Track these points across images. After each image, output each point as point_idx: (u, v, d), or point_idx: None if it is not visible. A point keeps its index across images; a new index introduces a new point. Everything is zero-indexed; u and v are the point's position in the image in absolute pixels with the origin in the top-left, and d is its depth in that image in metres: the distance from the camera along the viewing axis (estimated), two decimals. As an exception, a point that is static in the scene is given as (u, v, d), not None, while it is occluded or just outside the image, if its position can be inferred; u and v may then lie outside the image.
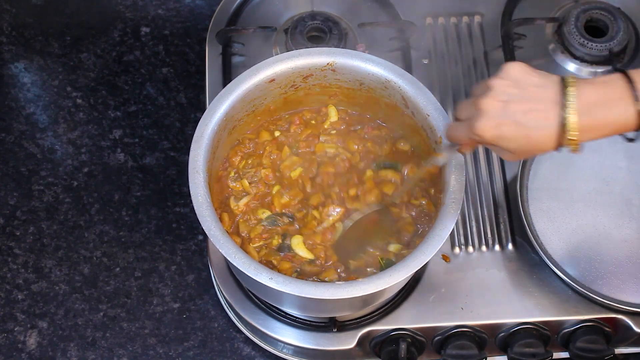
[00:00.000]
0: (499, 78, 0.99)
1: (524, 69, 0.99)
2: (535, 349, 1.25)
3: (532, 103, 0.97)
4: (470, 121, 0.99)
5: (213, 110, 1.17)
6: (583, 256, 1.28)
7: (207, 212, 1.10)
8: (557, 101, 0.96)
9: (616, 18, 1.43)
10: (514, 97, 0.97)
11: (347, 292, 1.06)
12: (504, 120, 0.97)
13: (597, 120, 0.97)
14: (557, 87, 0.97)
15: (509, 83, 0.98)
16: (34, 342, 1.32)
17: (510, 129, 0.97)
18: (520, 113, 0.96)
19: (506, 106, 0.97)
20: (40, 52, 1.53)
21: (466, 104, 1.02)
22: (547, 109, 0.96)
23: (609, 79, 0.98)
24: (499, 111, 0.97)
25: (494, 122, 0.97)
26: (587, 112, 0.96)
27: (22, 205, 1.41)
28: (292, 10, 1.46)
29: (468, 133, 1.01)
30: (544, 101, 0.97)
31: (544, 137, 0.97)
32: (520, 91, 0.97)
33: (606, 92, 0.97)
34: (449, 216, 1.10)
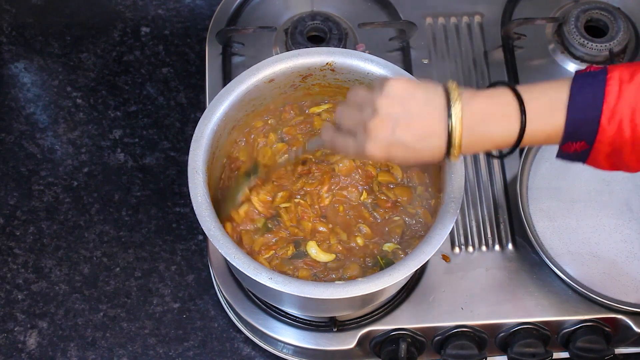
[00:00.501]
0: (384, 97, 0.97)
1: (407, 84, 0.97)
2: (535, 349, 1.25)
3: (418, 121, 0.96)
4: (359, 142, 0.99)
5: (213, 110, 1.17)
6: (583, 256, 1.28)
7: (207, 212, 1.10)
8: (442, 118, 0.95)
9: (616, 18, 1.43)
10: (400, 117, 0.96)
11: (347, 291, 1.06)
12: (392, 143, 0.97)
13: (478, 136, 0.96)
14: (442, 101, 0.96)
15: (394, 102, 0.97)
16: (34, 342, 1.32)
17: (399, 150, 0.97)
18: (407, 134, 0.96)
19: (394, 130, 0.96)
20: (40, 52, 1.53)
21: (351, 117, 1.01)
22: (433, 126, 0.96)
23: (495, 93, 0.97)
24: (387, 135, 0.96)
25: (383, 146, 0.97)
26: (470, 129, 0.96)
27: (22, 205, 1.41)
28: (292, 10, 1.46)
29: (358, 152, 1.00)
30: (429, 118, 0.96)
31: (431, 154, 0.97)
32: (405, 109, 0.96)
33: (490, 107, 0.96)
34: (448, 215, 1.10)
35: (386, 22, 1.46)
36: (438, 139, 0.96)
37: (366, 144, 0.98)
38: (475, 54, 1.45)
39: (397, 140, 0.96)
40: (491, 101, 0.96)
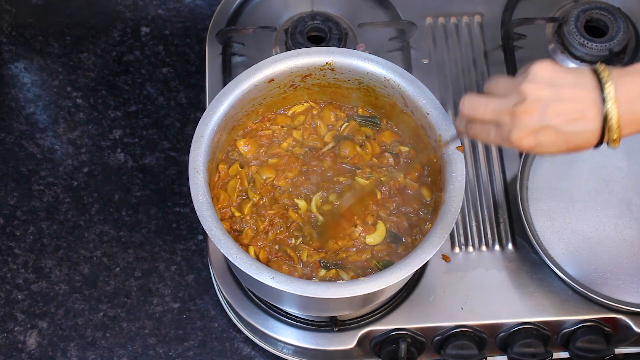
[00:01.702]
0: (531, 82, 0.94)
1: (554, 67, 0.94)
2: (535, 349, 1.25)
3: (569, 104, 0.92)
4: (503, 130, 0.95)
5: (213, 110, 1.17)
6: (583, 256, 1.28)
7: (208, 212, 1.10)
8: (595, 99, 0.92)
9: (616, 18, 1.43)
10: (550, 100, 0.92)
11: (349, 291, 1.06)
12: (542, 128, 0.93)
13: (637, 114, 0.92)
14: (592, 83, 0.93)
15: (541, 86, 0.93)
16: (34, 342, 1.32)
17: (549, 136, 0.93)
18: (558, 117, 0.92)
19: (544, 113, 0.92)
20: (40, 52, 1.53)
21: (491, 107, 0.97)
22: (585, 109, 0.92)
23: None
24: (537, 120, 0.93)
25: (532, 132, 0.93)
26: (627, 107, 0.92)
27: (22, 205, 1.41)
28: (292, 10, 1.46)
29: (500, 140, 0.96)
30: (582, 101, 0.92)
31: (584, 139, 0.94)
32: (555, 93, 0.93)
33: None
34: (449, 215, 1.10)
35: (386, 22, 1.46)
36: (591, 122, 0.92)
37: (514, 132, 0.94)
38: (475, 54, 1.45)
39: (547, 125, 0.92)
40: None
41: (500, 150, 1.37)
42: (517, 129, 0.94)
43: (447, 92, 1.41)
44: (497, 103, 0.97)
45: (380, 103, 1.24)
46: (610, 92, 0.92)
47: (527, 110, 0.93)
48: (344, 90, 1.25)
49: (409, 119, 1.21)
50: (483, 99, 0.99)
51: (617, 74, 0.93)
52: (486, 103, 0.98)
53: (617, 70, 0.93)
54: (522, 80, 0.95)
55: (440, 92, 1.41)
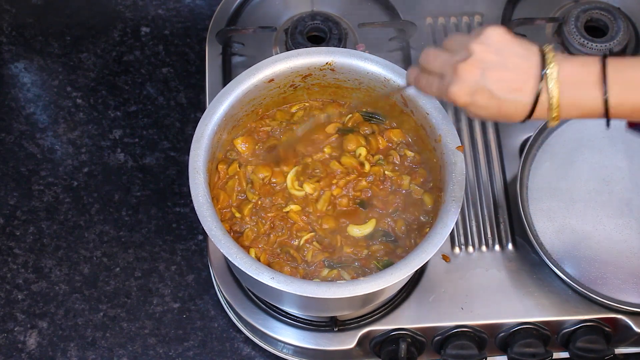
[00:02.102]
0: (480, 43, 0.96)
1: (505, 35, 0.97)
2: (535, 349, 1.25)
3: (510, 73, 0.95)
4: (444, 81, 0.98)
5: (213, 110, 1.17)
6: (583, 256, 1.28)
7: (208, 212, 1.10)
8: (535, 75, 0.95)
9: (616, 18, 1.43)
10: (493, 65, 0.95)
11: (349, 291, 1.06)
12: (479, 89, 0.95)
13: (569, 99, 0.95)
14: (537, 59, 0.95)
15: (489, 49, 0.96)
16: (34, 342, 1.32)
17: (484, 98, 0.96)
18: (497, 82, 0.95)
19: (484, 74, 0.95)
20: (40, 52, 1.53)
21: (439, 59, 1.00)
22: (524, 81, 0.95)
23: (587, 61, 0.96)
24: (476, 78, 0.95)
25: (469, 89, 0.96)
26: (568, 90, 0.94)
27: (22, 205, 1.41)
28: (292, 10, 1.46)
29: (441, 92, 0.99)
30: (523, 73, 0.95)
31: (515, 110, 0.96)
32: (500, 59, 0.95)
33: (582, 72, 0.95)
34: (449, 214, 1.10)
35: (386, 22, 1.46)
36: (526, 96, 0.95)
37: (452, 84, 0.96)
38: (475, 54, 1.45)
39: (484, 86, 0.95)
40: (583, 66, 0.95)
41: (500, 150, 1.37)
42: (456, 83, 0.97)
43: (447, 92, 1.41)
44: (446, 56, 1.00)
45: (381, 103, 1.24)
46: (552, 73, 0.94)
47: (468, 67, 0.96)
48: (344, 90, 1.25)
49: (409, 119, 1.21)
50: (437, 51, 1.02)
51: (561, 57, 0.96)
52: (437, 54, 1.01)
53: (562, 55, 0.96)
54: (472, 40, 0.97)
55: (440, 92, 1.41)
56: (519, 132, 1.38)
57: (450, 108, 1.39)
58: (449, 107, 1.40)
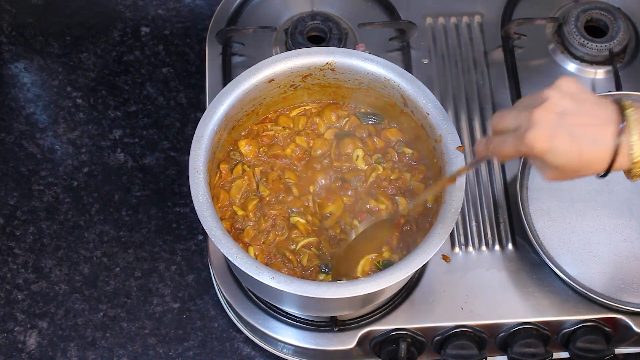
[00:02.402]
0: (554, 90, 0.94)
1: (578, 84, 0.95)
2: (535, 349, 1.25)
3: (588, 118, 0.93)
4: (520, 132, 0.95)
5: (213, 110, 1.17)
6: (583, 256, 1.28)
7: (208, 212, 1.10)
8: (614, 120, 0.92)
9: (616, 18, 1.43)
10: (570, 110, 0.93)
11: (349, 291, 1.06)
12: (558, 132, 0.92)
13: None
14: (613, 106, 0.93)
15: (564, 96, 0.94)
16: (34, 342, 1.32)
17: (564, 142, 0.92)
18: (576, 126, 0.92)
19: (562, 118, 0.92)
20: (40, 52, 1.53)
21: (512, 114, 0.97)
22: (602, 125, 0.92)
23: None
24: (554, 122, 0.92)
25: (548, 133, 0.92)
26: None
27: (22, 205, 1.41)
28: (292, 10, 1.46)
29: (517, 144, 0.95)
30: (600, 118, 0.93)
31: (597, 156, 0.93)
32: (577, 105, 0.93)
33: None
34: (449, 215, 1.10)
35: (386, 22, 1.46)
36: (607, 142, 0.92)
37: (529, 131, 0.93)
38: (475, 54, 1.45)
39: (564, 129, 0.92)
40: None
41: (500, 150, 1.37)
42: (533, 128, 0.93)
43: (447, 92, 1.41)
44: (518, 110, 0.97)
45: (380, 103, 1.24)
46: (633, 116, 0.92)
47: (545, 112, 0.93)
48: (344, 90, 1.25)
49: (409, 119, 1.21)
50: (507, 109, 0.99)
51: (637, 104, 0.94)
52: (508, 112, 0.98)
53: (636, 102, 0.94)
54: (546, 88, 0.95)
55: (440, 92, 1.41)
56: (519, 132, 1.38)
57: (450, 108, 1.40)
58: (448, 107, 1.40)
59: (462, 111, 1.39)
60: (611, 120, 0.93)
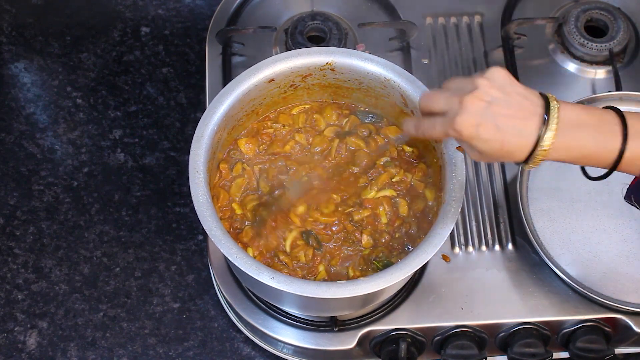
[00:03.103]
0: (485, 79, 0.98)
1: (509, 76, 0.99)
2: (535, 349, 1.25)
3: (514, 110, 0.96)
4: (449, 116, 0.99)
5: (213, 110, 1.17)
6: (583, 256, 1.28)
7: (208, 212, 1.10)
8: (538, 113, 0.96)
9: (616, 18, 1.43)
10: (498, 101, 0.96)
11: (349, 291, 1.06)
12: (484, 121, 0.96)
13: (573, 142, 0.97)
14: (539, 100, 0.97)
15: (494, 85, 0.97)
16: (34, 342, 1.32)
17: (488, 131, 0.96)
18: (501, 117, 0.96)
19: (489, 107, 0.96)
20: (40, 52, 1.53)
21: (442, 97, 1.01)
22: (527, 118, 0.96)
23: (596, 109, 0.98)
24: (482, 111, 0.96)
25: (474, 121, 0.96)
26: (565, 131, 0.96)
27: (22, 205, 1.41)
28: (292, 10, 1.46)
29: (445, 128, 0.99)
30: (526, 110, 0.96)
31: (517, 146, 0.97)
32: (505, 96, 0.97)
33: (590, 118, 0.97)
34: (449, 215, 1.10)
35: (386, 22, 1.46)
36: (529, 134, 0.96)
37: (458, 115, 0.97)
38: (475, 54, 1.45)
39: (490, 118, 0.96)
40: (589, 113, 0.97)
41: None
42: (462, 114, 0.97)
43: (447, 92, 1.41)
44: (449, 93, 1.01)
45: (381, 103, 1.24)
46: (554, 110, 0.96)
47: (474, 100, 0.97)
48: (344, 90, 1.25)
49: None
50: (437, 91, 1.03)
51: (564, 103, 0.98)
52: (439, 94, 1.02)
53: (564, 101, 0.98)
54: (477, 76, 0.99)
55: (440, 92, 1.41)
56: (519, 132, 1.38)
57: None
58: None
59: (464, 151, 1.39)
60: (535, 113, 0.96)
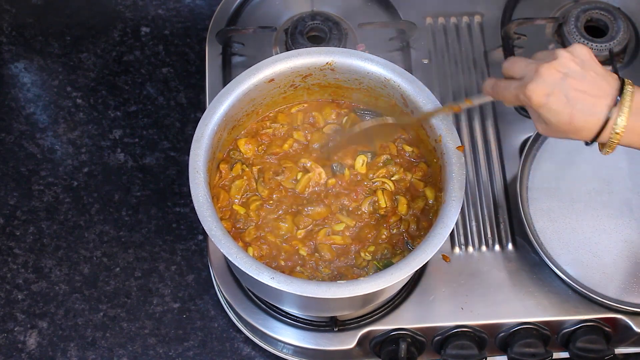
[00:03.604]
0: (567, 51, 0.99)
1: (591, 54, 1.00)
2: (535, 349, 1.25)
3: (589, 86, 0.98)
4: (524, 81, 1.00)
5: (213, 110, 1.17)
6: (583, 256, 1.28)
7: (208, 212, 1.10)
8: (611, 95, 0.97)
9: (616, 18, 1.43)
10: (574, 74, 0.98)
11: (349, 291, 1.06)
12: (557, 91, 0.97)
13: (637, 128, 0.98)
14: (615, 82, 0.98)
15: (574, 59, 0.99)
16: (34, 342, 1.32)
17: (558, 102, 0.97)
18: (574, 91, 0.97)
19: (564, 79, 0.97)
20: (40, 52, 1.53)
21: (523, 63, 1.02)
22: (600, 97, 0.97)
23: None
24: (556, 81, 0.98)
25: (546, 90, 0.97)
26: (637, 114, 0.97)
27: (22, 205, 1.41)
28: (292, 10, 1.46)
29: (517, 92, 1.00)
30: (600, 90, 0.98)
31: (586, 124, 0.98)
32: (582, 71, 0.98)
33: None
34: (449, 214, 1.10)
35: (386, 22, 1.46)
36: (598, 114, 0.97)
37: (531, 82, 0.98)
38: (475, 54, 1.45)
39: (562, 90, 0.97)
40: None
41: (500, 151, 1.37)
42: (535, 81, 0.98)
43: (447, 92, 1.41)
44: (530, 60, 1.02)
45: (380, 103, 1.24)
46: (628, 94, 0.98)
47: (551, 69, 0.98)
48: (344, 90, 1.25)
49: (410, 120, 1.21)
50: (521, 57, 1.04)
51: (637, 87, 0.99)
52: (521, 60, 1.03)
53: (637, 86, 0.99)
54: (560, 49, 1.00)
55: (440, 92, 1.41)
56: (519, 132, 1.38)
57: (450, 108, 1.40)
58: (448, 107, 1.40)
59: (462, 111, 1.39)
60: (609, 94, 0.98)
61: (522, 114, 1.39)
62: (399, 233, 1.18)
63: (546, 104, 0.98)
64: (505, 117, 1.39)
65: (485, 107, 1.40)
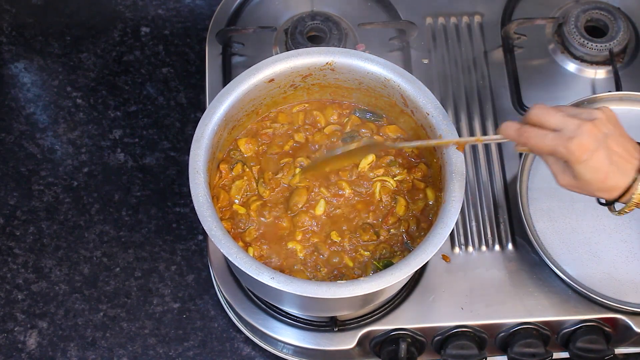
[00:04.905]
0: (602, 113, 1.01)
1: (616, 117, 1.03)
2: (535, 349, 1.25)
3: (622, 149, 1.01)
4: (564, 134, 1.00)
5: (213, 110, 1.17)
6: (583, 256, 1.28)
7: (208, 212, 1.10)
8: (637, 158, 1.01)
9: (616, 18, 1.43)
10: (613, 135, 1.01)
11: (349, 291, 1.06)
12: (601, 150, 0.99)
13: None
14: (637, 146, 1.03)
15: (609, 121, 1.01)
16: (34, 342, 1.32)
17: (601, 160, 1.00)
18: (613, 152, 1.00)
19: (605, 139, 1.00)
20: (40, 52, 1.53)
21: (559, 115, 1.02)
22: (629, 160, 1.01)
23: None
24: (600, 139, 0.99)
25: (592, 146, 0.99)
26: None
27: (22, 205, 1.41)
28: (292, 10, 1.46)
29: (557, 143, 1.01)
30: (629, 152, 1.01)
31: (617, 184, 1.01)
32: (618, 133, 1.01)
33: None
34: (449, 215, 1.10)
35: (386, 22, 1.46)
36: (628, 176, 1.01)
37: (578, 137, 0.99)
38: (475, 54, 1.45)
39: (604, 149, 0.99)
40: None
41: (500, 151, 1.37)
42: (581, 136, 0.99)
43: (447, 92, 1.41)
44: (566, 113, 1.02)
45: (380, 103, 1.24)
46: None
47: (594, 128, 1.00)
48: (344, 90, 1.25)
49: (409, 119, 1.21)
50: (552, 108, 1.04)
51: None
52: (557, 111, 1.03)
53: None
54: (593, 110, 1.02)
55: (440, 92, 1.41)
56: (519, 132, 1.38)
57: (450, 108, 1.40)
58: (448, 107, 1.40)
59: (462, 111, 1.40)
60: (635, 157, 1.02)
61: (522, 114, 1.39)
62: (399, 233, 1.18)
63: (588, 161, 0.99)
64: (506, 117, 1.39)
65: (485, 107, 1.40)
